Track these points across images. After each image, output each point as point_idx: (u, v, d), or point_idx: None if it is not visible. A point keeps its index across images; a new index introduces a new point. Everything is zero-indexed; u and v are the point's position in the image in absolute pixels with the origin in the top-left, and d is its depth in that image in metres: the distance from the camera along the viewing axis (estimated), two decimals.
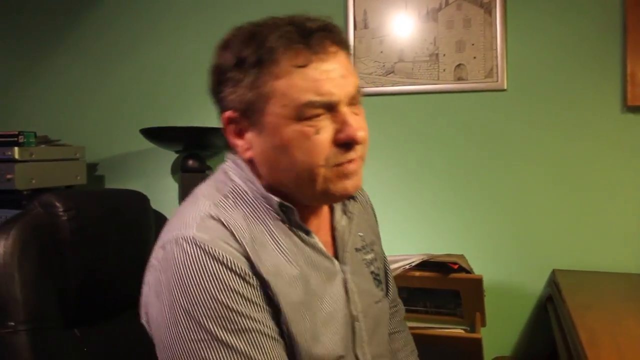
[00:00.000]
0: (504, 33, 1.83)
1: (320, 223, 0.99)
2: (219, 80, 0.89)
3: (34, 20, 2.54)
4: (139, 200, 1.45)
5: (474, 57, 1.86)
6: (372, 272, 1.07)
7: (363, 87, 1.97)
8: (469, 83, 1.87)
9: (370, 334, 1.01)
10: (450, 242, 1.90)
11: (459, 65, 1.88)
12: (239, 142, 0.90)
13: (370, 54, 1.97)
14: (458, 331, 1.69)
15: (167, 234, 0.85)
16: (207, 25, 2.23)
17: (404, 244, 1.90)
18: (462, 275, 1.64)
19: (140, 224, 1.41)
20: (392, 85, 1.94)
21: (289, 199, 0.89)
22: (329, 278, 0.95)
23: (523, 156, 1.84)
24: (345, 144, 0.85)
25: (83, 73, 2.44)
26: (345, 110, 0.86)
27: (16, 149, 1.92)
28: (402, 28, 1.93)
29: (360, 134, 0.85)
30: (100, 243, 1.29)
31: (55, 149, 2.11)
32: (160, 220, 1.49)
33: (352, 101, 0.88)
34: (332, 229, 1.01)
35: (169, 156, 2.23)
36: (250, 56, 0.84)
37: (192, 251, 0.81)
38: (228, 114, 0.88)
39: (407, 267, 1.65)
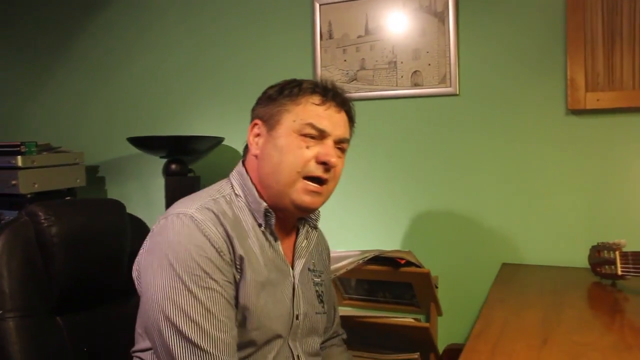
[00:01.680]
0: (456, 41, 1.96)
1: (286, 238, 1.28)
2: (260, 100, 1.24)
3: (35, 36, 2.77)
4: (115, 207, 1.65)
5: (429, 64, 2.00)
6: (316, 291, 1.35)
7: None
8: (424, 88, 2.01)
9: (304, 333, 1.29)
10: (406, 239, 2.06)
11: (415, 72, 2.02)
12: (254, 142, 1.22)
13: (335, 62, 2.13)
14: (408, 320, 1.85)
15: (171, 211, 1.14)
16: (191, 38, 2.42)
17: (359, 240, 2.07)
18: (412, 269, 1.80)
19: (116, 227, 1.60)
20: (356, 92, 2.10)
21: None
22: (283, 278, 1.23)
23: (474, 156, 1.98)
24: (321, 162, 1.15)
25: (80, 84, 2.67)
26: (331, 143, 1.18)
27: (19, 157, 2.14)
28: (363, 38, 2.09)
29: (333, 160, 1.16)
30: (78, 245, 1.49)
31: (56, 156, 2.33)
32: (135, 223, 1.70)
33: (339, 145, 1.21)
34: (294, 247, 1.29)
35: (161, 159, 2.44)
36: (287, 90, 1.20)
37: (188, 223, 1.09)
38: (256, 120, 1.22)
39: (361, 261, 1.81)
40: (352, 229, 2.13)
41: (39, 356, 1.37)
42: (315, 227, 1.35)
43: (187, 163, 2.24)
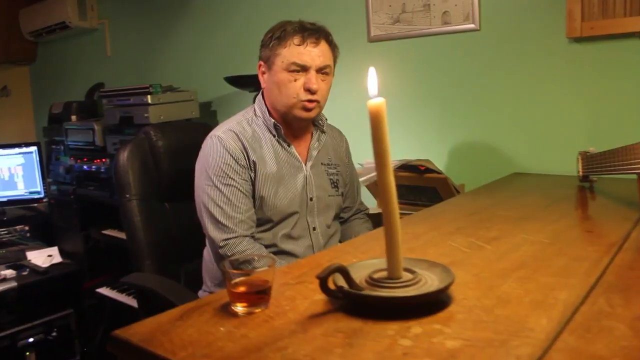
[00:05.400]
0: None
1: (302, 143, 1.76)
2: (261, 45, 1.69)
3: (160, 3, 3.51)
4: (203, 128, 2.29)
5: (456, 5, 2.33)
6: (330, 179, 1.81)
7: (378, 35, 2.56)
8: (452, 26, 2.35)
9: (320, 211, 1.76)
10: (439, 154, 2.45)
11: (445, 12, 2.36)
12: (261, 78, 1.69)
13: (382, 8, 2.53)
14: None
15: (210, 133, 1.68)
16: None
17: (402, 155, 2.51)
18: (433, 175, 2.22)
19: (202, 142, 2.24)
20: (399, 32, 2.49)
21: (280, 123, 1.68)
22: (296, 172, 1.71)
23: (492, 82, 2.29)
24: (307, 89, 1.59)
25: (193, 36, 3.35)
26: (313, 73, 1.59)
27: (148, 96, 2.85)
28: None
29: (314, 86, 1.58)
30: (177, 153, 2.15)
31: (176, 94, 3.02)
32: None
33: (321, 71, 1.60)
34: (309, 148, 1.76)
35: (250, 93, 3.05)
36: (276, 34, 1.62)
37: (216, 142, 1.63)
38: (260, 62, 1.68)
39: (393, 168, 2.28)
40: (394, 146, 2.58)
41: (151, 226, 2.05)
42: (324, 132, 1.79)
43: None
